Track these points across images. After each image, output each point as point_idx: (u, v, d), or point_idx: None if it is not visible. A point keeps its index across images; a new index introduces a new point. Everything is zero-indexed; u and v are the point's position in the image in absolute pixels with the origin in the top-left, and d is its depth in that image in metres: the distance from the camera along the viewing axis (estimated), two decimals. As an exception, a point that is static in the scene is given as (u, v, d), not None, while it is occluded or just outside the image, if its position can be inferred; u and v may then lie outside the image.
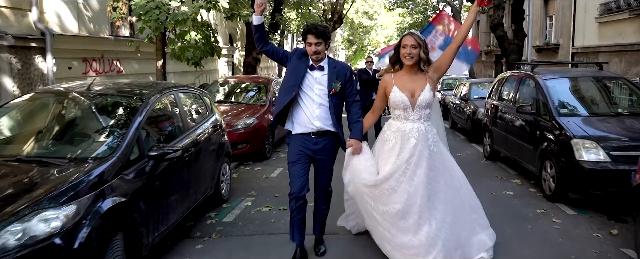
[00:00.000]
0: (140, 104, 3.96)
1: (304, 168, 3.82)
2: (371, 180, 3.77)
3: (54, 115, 3.98)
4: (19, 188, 2.94)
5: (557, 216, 5.22)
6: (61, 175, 3.08)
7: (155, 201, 3.67)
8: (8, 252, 2.55)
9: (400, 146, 3.76)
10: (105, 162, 3.26)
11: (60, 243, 2.70)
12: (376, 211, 3.81)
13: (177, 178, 4.17)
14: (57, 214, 2.75)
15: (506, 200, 5.92)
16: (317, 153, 3.83)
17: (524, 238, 4.52)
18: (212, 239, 4.54)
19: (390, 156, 3.79)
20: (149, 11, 6.59)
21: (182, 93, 4.94)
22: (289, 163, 3.85)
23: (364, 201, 3.90)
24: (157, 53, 8.03)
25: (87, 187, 3.00)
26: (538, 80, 6.70)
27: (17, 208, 2.72)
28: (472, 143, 10.35)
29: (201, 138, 4.90)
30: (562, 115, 6.00)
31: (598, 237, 4.57)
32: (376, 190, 3.77)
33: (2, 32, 7.64)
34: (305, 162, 3.83)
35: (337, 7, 26.56)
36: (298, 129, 3.83)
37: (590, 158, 5.29)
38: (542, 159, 6.07)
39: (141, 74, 11.83)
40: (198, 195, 4.77)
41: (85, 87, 4.18)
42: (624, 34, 12.39)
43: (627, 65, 12.26)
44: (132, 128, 3.62)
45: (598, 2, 13.51)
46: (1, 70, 7.74)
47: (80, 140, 3.69)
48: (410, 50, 3.72)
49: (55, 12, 9.03)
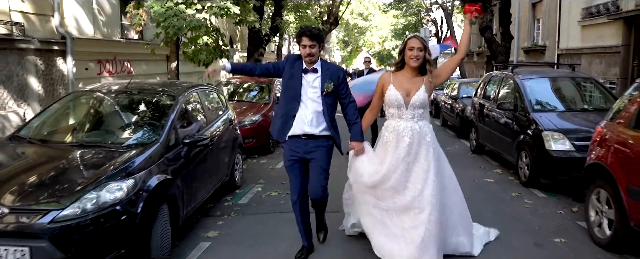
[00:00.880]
0: (173, 100, 4.71)
1: (300, 173, 3.93)
2: (370, 181, 3.87)
3: (104, 109, 4.74)
4: (88, 167, 3.69)
5: (529, 198, 6.00)
6: (119, 156, 3.82)
7: (188, 180, 4.41)
8: (87, 213, 3.29)
9: (395, 145, 3.86)
10: (151, 147, 4.01)
11: (124, 208, 3.44)
12: (377, 209, 3.92)
13: (203, 164, 4.91)
14: (120, 186, 3.50)
15: (487, 186, 6.70)
16: (309, 153, 3.89)
17: (499, 216, 5.27)
18: (231, 217, 5.28)
19: (386, 155, 3.90)
20: (167, 18, 7.34)
21: (203, 91, 5.68)
22: (285, 167, 4.01)
23: (365, 200, 4.01)
24: (171, 55, 8.76)
25: (141, 166, 3.75)
26: (516, 80, 7.49)
27: (91, 181, 3.46)
28: (460, 139, 11.13)
29: (219, 131, 5.65)
30: (536, 111, 6.79)
31: (561, 214, 5.35)
32: (377, 191, 3.89)
33: (30, 36, 8.36)
34: (299, 166, 3.92)
35: (333, 9, 27.33)
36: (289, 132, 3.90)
37: (558, 148, 6.07)
38: (519, 150, 6.85)
39: (149, 74, 12.56)
40: (218, 180, 5.51)
41: (125, 86, 4.93)
42: (603, 37, 13.07)
43: (606, 66, 12.92)
44: (170, 120, 4.38)
45: (581, 7, 14.26)
46: (28, 72, 8.45)
47: (130, 129, 4.44)
48: (417, 53, 3.81)
49: (74, 16, 9.75)
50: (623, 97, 4.66)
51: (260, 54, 14.26)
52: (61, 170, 3.67)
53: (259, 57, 14.20)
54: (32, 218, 3.20)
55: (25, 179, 3.52)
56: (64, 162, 3.78)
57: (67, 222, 3.21)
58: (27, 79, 8.42)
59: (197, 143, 4.44)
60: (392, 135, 3.91)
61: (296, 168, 3.91)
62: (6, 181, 3.49)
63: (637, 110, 4.11)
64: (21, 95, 8.28)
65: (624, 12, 11.54)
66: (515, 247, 4.34)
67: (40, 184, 3.47)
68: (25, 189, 3.40)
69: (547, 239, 4.54)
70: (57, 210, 3.23)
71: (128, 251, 3.45)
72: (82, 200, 3.32)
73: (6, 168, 3.71)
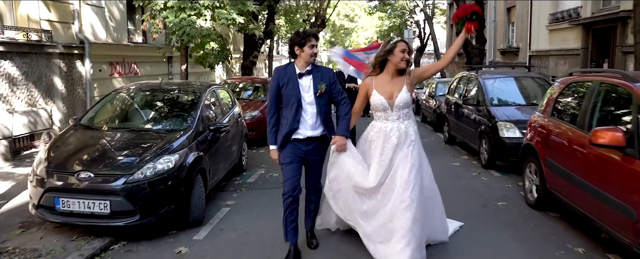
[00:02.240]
0: (198, 96, 5.94)
1: (297, 169, 4.00)
2: (364, 185, 3.95)
3: (146, 103, 5.95)
4: (144, 145, 4.89)
5: (485, 177, 7.31)
6: (165, 138, 5.04)
7: (212, 159, 5.63)
8: (147, 178, 4.49)
9: (382, 146, 3.96)
10: (187, 132, 5.24)
11: (172, 175, 4.65)
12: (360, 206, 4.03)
13: (222, 147, 6.13)
14: (170, 158, 4.72)
15: (453, 168, 8.01)
16: (309, 154, 4.03)
17: (459, 189, 6.55)
18: (242, 191, 6.51)
19: (374, 155, 3.99)
20: (182, 27, 8.53)
21: (217, 89, 6.90)
22: (282, 164, 4.03)
23: (349, 198, 4.08)
24: (181, 59, 9.96)
25: (181, 146, 4.96)
26: (479, 80, 8.82)
27: (148, 155, 4.68)
28: (437, 132, 12.47)
29: (232, 122, 6.86)
30: (493, 105, 8.12)
31: (508, 187, 6.67)
32: (366, 194, 3.99)
33: (55, 42, 9.47)
34: (298, 163, 4.01)
35: (320, 11, 28.58)
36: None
37: (510, 135, 7.39)
38: (480, 138, 8.17)
39: (153, 75, 13.68)
40: (231, 161, 6.74)
41: (158, 86, 6.14)
42: (567, 40, 14.38)
43: (570, 66, 14.17)
44: (198, 111, 5.61)
45: (548, 12, 15.60)
46: (54, 73, 9.56)
47: (169, 118, 5.67)
48: (406, 56, 3.97)
49: (90, 23, 10.87)
50: (547, 92, 5.98)
51: (255, 56, 15.48)
52: (125, 147, 4.89)
53: (254, 59, 15.41)
54: (110, 181, 4.41)
55: (101, 154, 4.75)
56: (125, 142, 4.99)
57: (134, 184, 4.43)
58: (52, 80, 9.52)
59: (219, 130, 5.68)
60: (379, 136, 4.01)
61: (294, 166, 3.99)
62: (89, 155, 4.72)
63: (553, 102, 5.43)
64: (48, 94, 9.39)
65: (582, 18, 12.87)
66: (467, 208, 5.61)
67: (112, 157, 4.69)
68: (103, 161, 4.61)
69: (492, 203, 5.85)
70: (127, 175, 4.45)
71: (176, 208, 4.68)
72: (143, 169, 4.53)
73: (86, 147, 4.92)
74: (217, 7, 8.82)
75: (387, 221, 3.85)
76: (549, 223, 5.11)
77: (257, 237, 4.75)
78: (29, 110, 8.73)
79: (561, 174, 4.81)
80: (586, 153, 4.27)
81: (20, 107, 8.55)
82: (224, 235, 4.85)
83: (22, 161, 8.23)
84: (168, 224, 4.91)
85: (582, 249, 4.33)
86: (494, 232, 4.84)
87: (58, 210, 4.42)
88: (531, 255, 4.25)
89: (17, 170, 7.56)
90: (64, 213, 4.42)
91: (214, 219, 5.32)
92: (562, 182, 4.81)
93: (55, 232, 4.74)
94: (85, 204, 4.35)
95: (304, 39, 3.90)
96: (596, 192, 4.06)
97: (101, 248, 4.39)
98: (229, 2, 9.10)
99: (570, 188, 4.61)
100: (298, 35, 3.95)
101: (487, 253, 4.29)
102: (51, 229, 4.82)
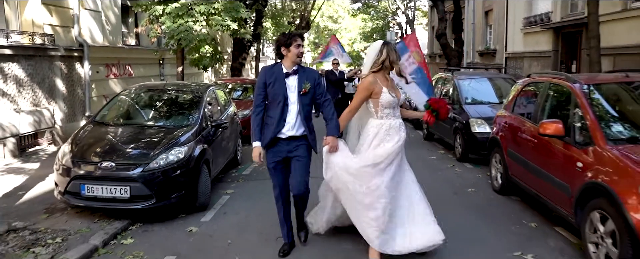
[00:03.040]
0: (200, 95, 6.61)
1: (283, 171, 4.16)
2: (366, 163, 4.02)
3: (153, 102, 6.60)
4: (157, 139, 5.54)
5: (459, 168, 8.10)
6: (174, 133, 5.70)
7: (214, 151, 6.29)
8: (161, 167, 5.15)
9: (396, 140, 4.11)
10: (193, 127, 5.91)
11: (182, 165, 5.31)
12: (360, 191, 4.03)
13: (221, 142, 6.80)
14: (180, 150, 5.38)
15: (430, 161, 8.78)
16: (292, 152, 4.13)
17: (434, 179, 7.29)
18: (240, 182, 7.19)
19: (383, 150, 4.05)
20: (179, 33, 9.17)
21: (216, 90, 7.56)
22: (268, 168, 4.20)
23: (347, 188, 4.10)
24: (177, 62, 10.60)
25: (188, 139, 5.62)
26: (454, 80, 9.62)
27: (160, 148, 5.33)
28: (417, 130, 13.25)
29: (229, 119, 7.53)
30: (467, 104, 8.91)
31: (479, 177, 7.45)
32: (360, 171, 4.03)
33: (57, 45, 10.02)
34: (282, 166, 4.16)
35: (305, 13, 29.32)
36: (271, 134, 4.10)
37: (481, 131, 8.18)
38: (455, 134, 8.96)
39: (146, 76, 14.26)
40: (228, 155, 7.41)
41: (163, 86, 6.80)
42: (539, 43, 15.20)
43: (542, 67, 14.96)
44: (201, 109, 6.27)
45: (523, 16, 16.46)
46: (56, 75, 10.11)
47: (176, 115, 6.32)
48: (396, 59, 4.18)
49: (88, 27, 11.42)
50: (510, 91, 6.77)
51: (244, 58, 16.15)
52: (139, 141, 5.55)
53: (242, 60, 16.07)
54: (129, 169, 5.06)
55: (118, 147, 5.39)
56: (138, 136, 5.65)
57: (150, 172, 5.09)
58: (55, 81, 10.07)
59: (220, 126, 6.36)
60: (391, 132, 4.10)
61: (279, 169, 4.15)
62: (108, 147, 5.37)
63: (514, 100, 6.22)
64: (51, 95, 9.93)
65: (552, 23, 13.75)
66: (441, 195, 6.33)
67: (129, 149, 5.34)
68: (121, 152, 5.27)
69: (463, 190, 6.62)
70: (144, 164, 5.11)
71: (186, 193, 5.34)
72: (157, 159, 5.19)
73: (104, 141, 5.57)
74: (212, 14, 9.48)
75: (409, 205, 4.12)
76: (510, 204, 5.89)
77: (257, 219, 5.44)
78: (33, 109, 9.27)
79: (519, 162, 5.59)
80: (537, 142, 5.05)
81: (26, 107, 9.10)
82: (227, 217, 5.53)
83: (28, 157, 8.78)
84: (178, 209, 5.57)
85: (534, 224, 5.11)
86: (463, 214, 5.59)
87: (83, 195, 5.06)
88: (491, 229, 5.02)
89: (26, 166, 8.11)
90: (88, 197, 5.06)
91: (217, 204, 6.00)
92: (520, 169, 5.59)
93: (78, 216, 5.36)
94: (107, 189, 5.00)
95: (290, 39, 4.03)
96: (544, 175, 4.84)
97: (121, 228, 5.04)
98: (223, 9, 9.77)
99: (526, 174, 5.39)
100: (284, 36, 4.10)
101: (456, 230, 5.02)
102: (73, 213, 5.44)
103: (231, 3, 9.90)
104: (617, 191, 3.52)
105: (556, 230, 4.93)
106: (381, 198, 3.98)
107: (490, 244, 4.60)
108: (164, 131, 5.80)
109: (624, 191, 3.47)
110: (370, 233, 4.03)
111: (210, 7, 9.39)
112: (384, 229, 4.01)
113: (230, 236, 4.92)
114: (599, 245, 3.81)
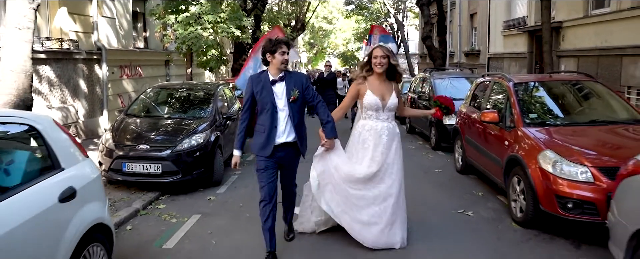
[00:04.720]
0: (213, 92, 7.94)
1: (272, 174, 4.11)
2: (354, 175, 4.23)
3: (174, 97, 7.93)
4: (180, 127, 6.87)
5: (432, 155, 9.47)
6: (194, 123, 7.04)
7: (225, 139, 7.61)
8: (186, 149, 6.48)
9: (375, 143, 4.28)
10: (209, 118, 7.24)
11: (202, 148, 6.64)
12: (355, 197, 4.25)
13: (230, 132, 8.12)
14: (200, 136, 6.72)
15: (409, 150, 10.11)
16: (283, 159, 4.16)
17: (410, 163, 8.56)
18: (245, 166, 8.50)
19: (367, 151, 4.27)
20: (190, 38, 10.51)
21: (224, 87, 8.89)
22: (257, 170, 4.15)
23: (338, 190, 4.29)
24: (186, 63, 11.95)
25: (206, 128, 6.95)
26: (431, 80, 10.98)
27: (184, 134, 6.66)
28: (402, 125, 14.63)
29: (235, 113, 8.86)
30: (440, 100, 10.26)
31: (447, 161, 8.81)
32: (357, 183, 4.24)
33: (81, 49, 11.32)
34: (273, 168, 4.12)
35: (300, 16, 30.69)
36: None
37: (451, 123, 9.49)
38: (430, 126, 10.32)
39: (154, 77, 15.54)
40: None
41: (180, 85, 8.13)
42: (517, 45, 16.38)
43: (519, 68, 16.17)
44: (214, 104, 7.60)
45: (503, 19, 17.68)
46: (79, 76, 11.40)
47: (193, 109, 7.65)
48: (380, 60, 4.24)
49: (105, 33, 12.70)
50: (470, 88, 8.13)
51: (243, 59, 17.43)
52: (166, 129, 6.89)
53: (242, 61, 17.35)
54: (161, 150, 6.39)
55: (150, 133, 6.73)
56: (167, 125, 6.99)
57: (177, 153, 6.42)
58: (78, 81, 11.36)
59: (230, 118, 7.70)
60: (371, 134, 4.29)
61: (269, 172, 4.11)
62: (142, 134, 6.71)
63: (471, 95, 7.58)
64: (75, 94, 11.22)
65: (528, 26, 15.01)
66: (413, 175, 7.65)
67: (158, 136, 6.67)
68: (153, 137, 6.60)
69: (431, 171, 7.99)
70: (172, 147, 6.45)
71: (205, 171, 6.68)
72: (182, 143, 6.52)
73: (138, 129, 6.90)
74: (219, 22, 10.82)
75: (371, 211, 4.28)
76: (466, 181, 7.25)
77: (261, 191, 6.76)
78: (61, 106, 10.56)
79: (472, 145, 6.95)
80: (482, 128, 6.41)
81: (56, 104, 10.38)
82: (238, 190, 6.87)
83: (59, 148, 10.05)
84: (197, 183, 6.89)
85: (481, 193, 6.48)
86: (428, 188, 6.93)
87: (124, 171, 6.38)
88: (446, 198, 6.36)
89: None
90: (128, 173, 6.38)
91: (229, 181, 7.34)
92: (473, 151, 6.95)
93: (116, 189, 6.68)
94: (144, 166, 6.33)
95: (275, 45, 3.97)
96: (487, 153, 6.20)
97: (154, 198, 6.36)
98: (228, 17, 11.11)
99: (477, 154, 6.75)
100: (270, 43, 4.03)
101: (420, 199, 6.36)
102: (112, 188, 6.76)
103: (234, 12, 11.25)
104: (525, 160, 4.89)
105: (498, 198, 6.28)
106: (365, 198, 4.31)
107: (442, 207, 5.95)
108: (184, 121, 7.14)
109: (529, 160, 4.83)
110: (354, 226, 4.35)
111: (217, 16, 10.73)
112: (366, 223, 4.30)
113: (241, 201, 6.25)
114: (516, 201, 5.17)
